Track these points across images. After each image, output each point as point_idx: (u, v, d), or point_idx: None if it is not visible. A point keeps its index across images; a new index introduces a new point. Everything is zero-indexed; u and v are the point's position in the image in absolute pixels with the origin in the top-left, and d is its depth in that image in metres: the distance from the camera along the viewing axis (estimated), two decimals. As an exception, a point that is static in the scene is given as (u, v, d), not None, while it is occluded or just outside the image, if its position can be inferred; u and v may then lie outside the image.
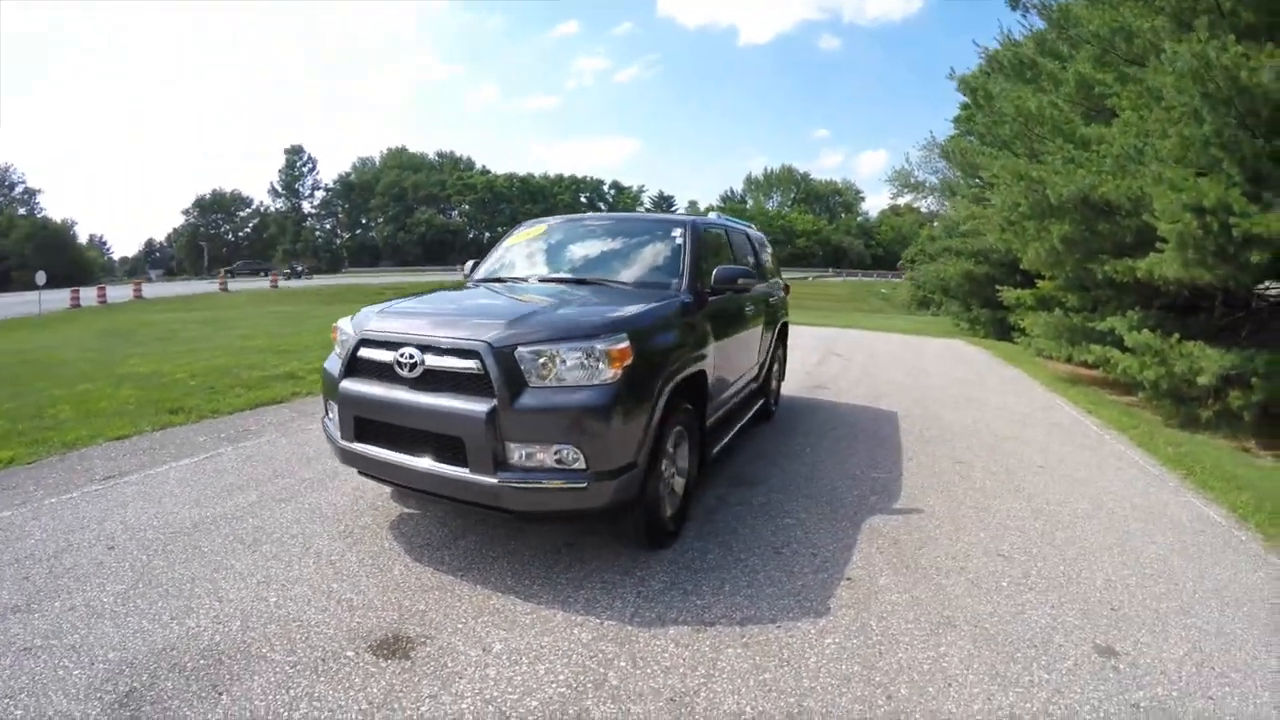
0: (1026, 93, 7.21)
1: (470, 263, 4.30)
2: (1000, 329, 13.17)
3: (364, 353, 2.68)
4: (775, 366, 5.62)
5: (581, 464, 2.32)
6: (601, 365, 2.35)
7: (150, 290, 24.54)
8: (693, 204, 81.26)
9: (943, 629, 2.33)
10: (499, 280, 3.76)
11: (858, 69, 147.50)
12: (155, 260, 69.79)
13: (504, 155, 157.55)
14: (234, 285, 25.17)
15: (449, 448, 2.39)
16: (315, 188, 71.11)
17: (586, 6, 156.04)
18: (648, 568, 2.71)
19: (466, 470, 2.36)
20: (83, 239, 62.30)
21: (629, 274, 3.53)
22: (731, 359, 3.94)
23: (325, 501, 3.34)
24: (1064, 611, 2.51)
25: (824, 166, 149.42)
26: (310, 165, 70.20)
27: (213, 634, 2.16)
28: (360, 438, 2.69)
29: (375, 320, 2.78)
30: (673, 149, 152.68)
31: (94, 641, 2.10)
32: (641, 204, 77.49)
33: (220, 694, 1.88)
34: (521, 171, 75.67)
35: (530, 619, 2.30)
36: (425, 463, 2.46)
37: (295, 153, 69.27)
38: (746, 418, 4.35)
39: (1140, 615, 2.52)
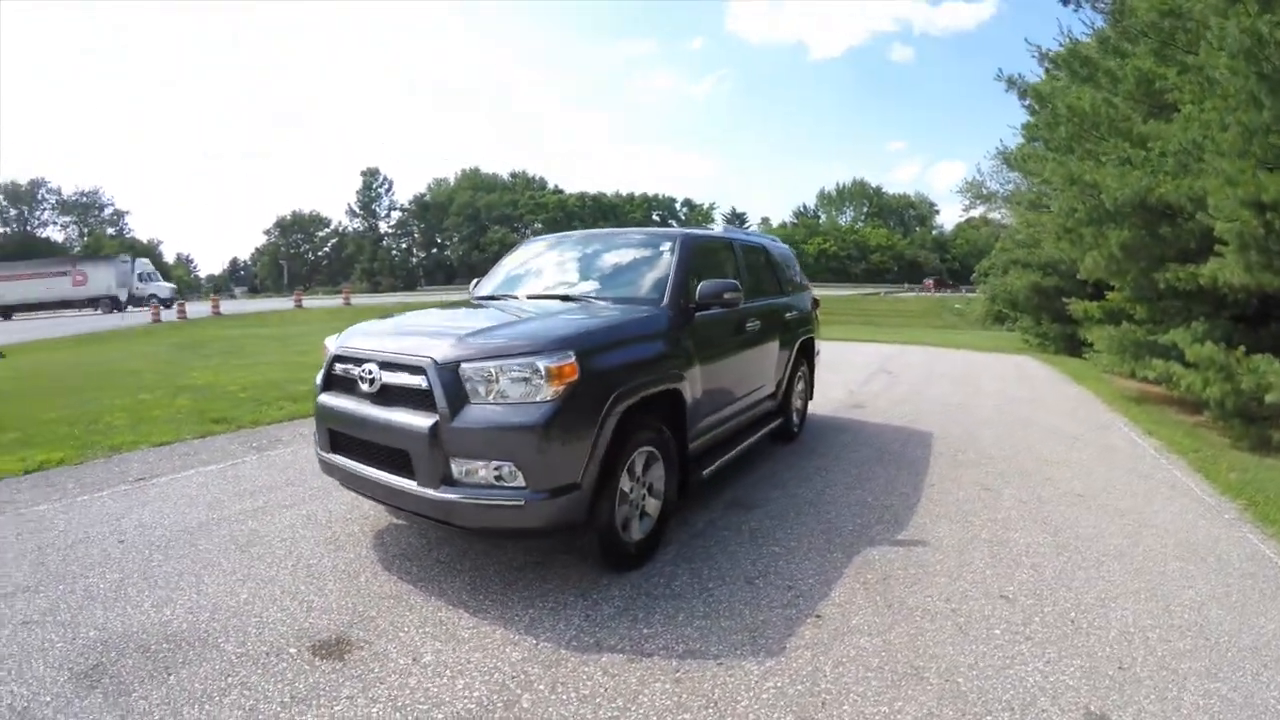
0: (1083, 92, 6.78)
1: (475, 280, 4.56)
2: (1071, 344, 12.78)
3: (337, 368, 2.94)
4: (800, 385, 5.54)
5: (520, 482, 2.42)
6: (542, 382, 2.45)
7: (229, 306, 27.17)
8: (765, 220, 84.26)
9: (907, 681, 2.19)
10: (494, 298, 3.97)
11: (932, 79, 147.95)
12: (239, 278, 77.16)
13: (579, 174, 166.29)
14: (308, 302, 27.40)
15: (402, 462, 2.57)
16: (392, 208, 76.85)
17: (658, 25, 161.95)
18: (605, 591, 2.75)
19: (415, 484, 2.53)
20: (170, 258, 70.10)
21: (614, 289, 3.63)
22: (728, 378, 3.94)
23: (323, 509, 3.62)
24: (1060, 668, 2.29)
25: (900, 179, 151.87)
26: (386, 186, 76.09)
27: (182, 622, 2.43)
28: (334, 449, 2.94)
29: (349, 337, 3.04)
30: (747, 165, 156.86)
31: (81, 621, 2.42)
32: (712, 220, 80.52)
33: (169, 675, 2.12)
34: (593, 190, 79.49)
35: (470, 634, 2.41)
36: (385, 475, 2.66)
37: (372, 174, 75.40)
38: (753, 439, 4.31)
39: (1153, 677, 2.26)
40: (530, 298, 3.79)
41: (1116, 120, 6.26)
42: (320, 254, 74.98)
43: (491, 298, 4.00)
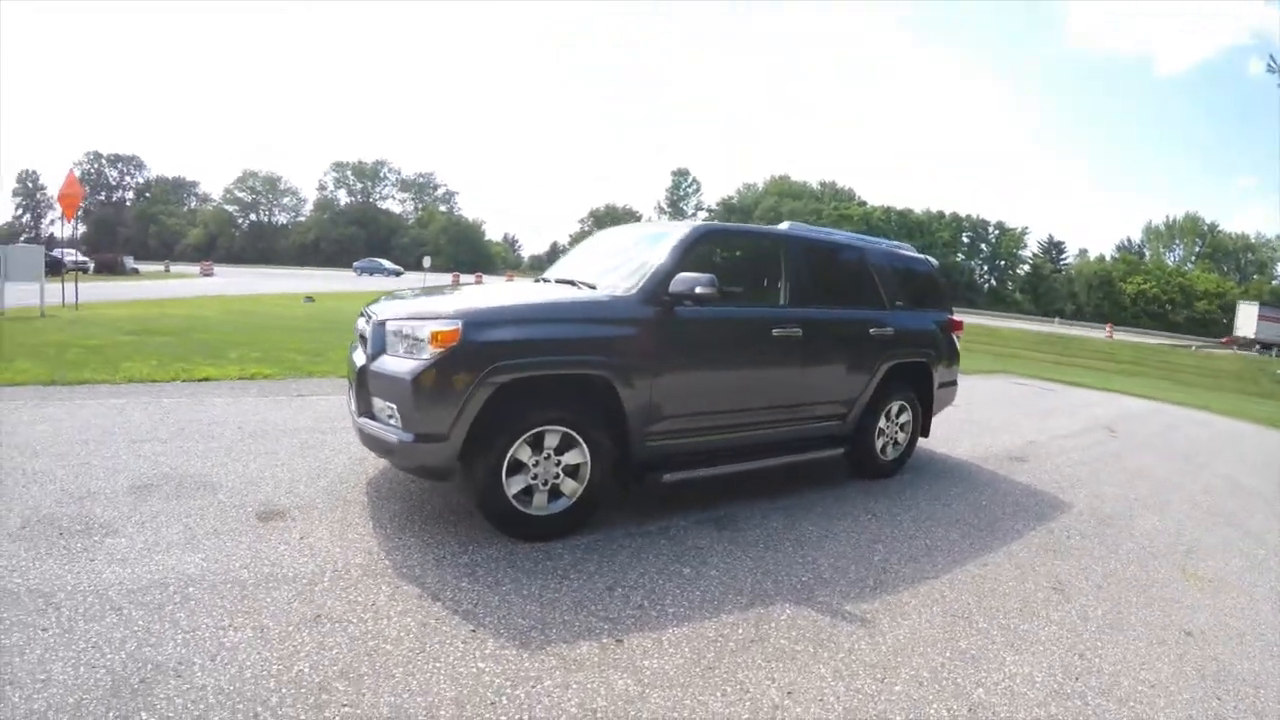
0: None
1: None
2: None
3: (358, 324, 4.01)
4: (905, 416, 5.05)
5: (398, 422, 3.08)
6: (425, 343, 3.05)
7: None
8: (1083, 252, 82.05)
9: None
10: (543, 280, 4.64)
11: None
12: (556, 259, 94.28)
13: (889, 188, 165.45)
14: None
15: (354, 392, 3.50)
16: (699, 208, 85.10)
17: (990, 42, 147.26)
18: (485, 549, 3.18)
19: (354, 410, 3.41)
20: (496, 236, 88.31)
21: (613, 276, 3.89)
22: (731, 383, 3.96)
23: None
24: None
25: (1250, 220, 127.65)
26: (695, 187, 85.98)
27: (182, 471, 3.83)
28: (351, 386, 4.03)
29: (375, 302, 4.05)
30: (1073, 189, 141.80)
31: (98, 460, 3.95)
32: (1024, 246, 79.20)
33: (145, 500, 3.42)
34: (900, 205, 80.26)
35: (355, 536, 3.20)
36: (352, 404, 3.61)
37: (681, 174, 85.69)
38: (770, 461, 4.20)
39: None
40: (557, 281, 4.36)
41: None
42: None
43: (543, 279, 4.69)
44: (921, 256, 5.49)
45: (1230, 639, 3.18)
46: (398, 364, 3.13)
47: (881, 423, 4.85)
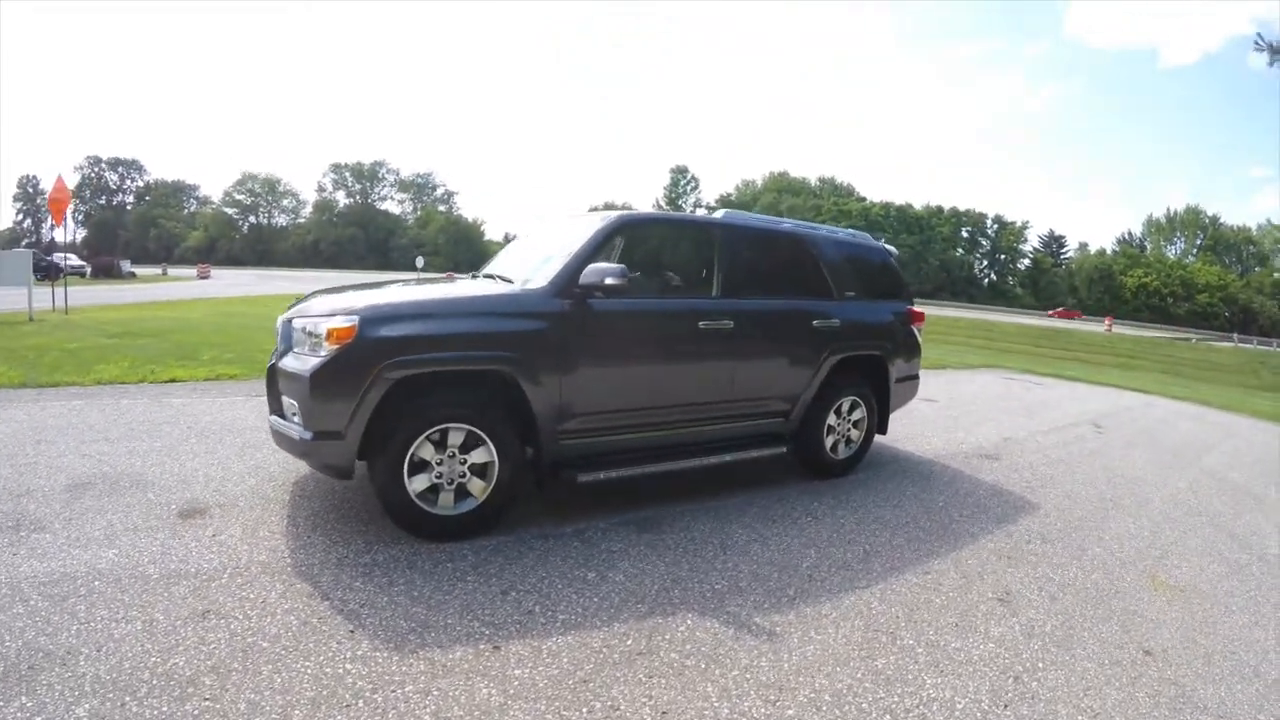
0: None
1: None
2: None
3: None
4: (858, 413, 4.92)
5: (300, 420, 3.10)
6: (322, 340, 3.07)
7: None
8: (1083, 246, 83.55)
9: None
10: (475, 276, 4.62)
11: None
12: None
13: (889, 184, 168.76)
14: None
15: (269, 389, 3.56)
16: (697, 205, 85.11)
17: (990, 31, 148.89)
18: (390, 549, 3.19)
19: (269, 410, 3.41)
20: (496, 235, 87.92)
21: (532, 270, 3.83)
22: (655, 379, 3.91)
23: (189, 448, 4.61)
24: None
25: (1260, 210, 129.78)
26: (694, 184, 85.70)
27: (121, 469, 3.87)
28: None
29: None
30: (1075, 182, 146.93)
31: (44, 459, 4.06)
32: (1024, 240, 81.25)
33: (79, 498, 3.48)
34: (900, 200, 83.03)
35: (267, 533, 3.26)
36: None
37: (680, 172, 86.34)
38: (711, 459, 4.10)
39: None
40: (485, 276, 4.33)
41: None
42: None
43: (475, 275, 4.65)
44: (878, 245, 5.35)
45: (1195, 659, 2.97)
46: (299, 361, 3.18)
47: (831, 419, 4.75)
